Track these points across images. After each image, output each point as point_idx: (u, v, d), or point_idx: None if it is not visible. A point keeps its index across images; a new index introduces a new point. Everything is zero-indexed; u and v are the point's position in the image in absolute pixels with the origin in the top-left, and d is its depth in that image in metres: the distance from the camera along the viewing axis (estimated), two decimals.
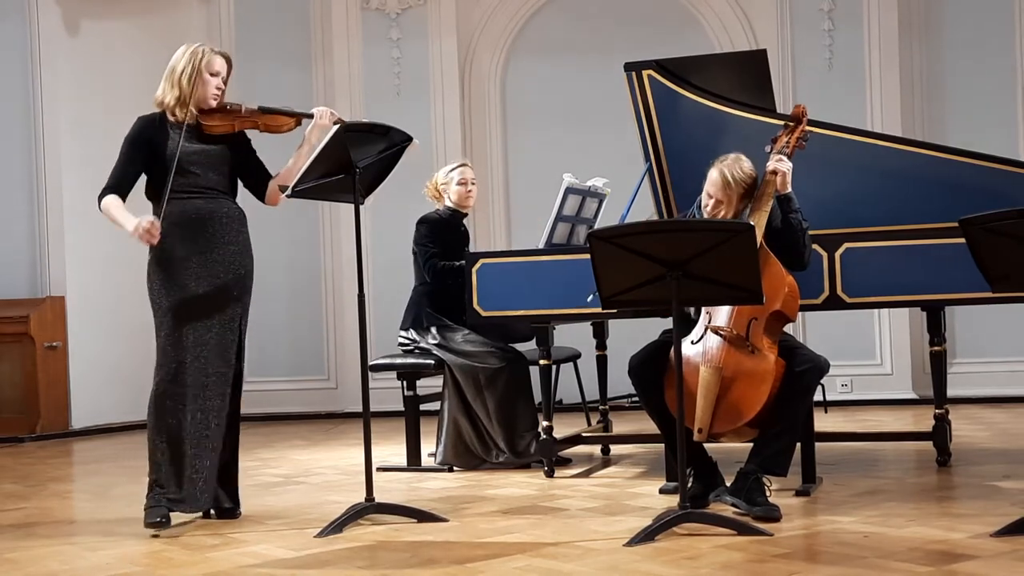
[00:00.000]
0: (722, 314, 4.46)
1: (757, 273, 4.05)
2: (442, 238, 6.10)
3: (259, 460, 6.77)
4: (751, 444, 4.51)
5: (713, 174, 4.66)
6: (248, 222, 4.81)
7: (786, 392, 4.38)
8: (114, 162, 4.69)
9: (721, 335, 4.41)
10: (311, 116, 4.75)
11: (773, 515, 4.21)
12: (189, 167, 4.62)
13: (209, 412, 4.61)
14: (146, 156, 4.64)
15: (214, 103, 4.67)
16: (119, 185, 4.66)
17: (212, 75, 4.65)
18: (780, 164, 4.61)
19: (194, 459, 4.58)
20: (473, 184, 6.27)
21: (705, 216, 4.70)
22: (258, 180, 4.85)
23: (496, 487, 5.33)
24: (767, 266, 4.43)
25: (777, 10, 8.76)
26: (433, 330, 6.04)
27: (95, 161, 8.99)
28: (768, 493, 4.33)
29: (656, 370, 4.48)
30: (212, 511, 4.72)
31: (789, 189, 4.60)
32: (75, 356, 8.75)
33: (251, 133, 4.84)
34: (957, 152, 5.43)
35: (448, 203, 6.22)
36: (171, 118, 4.66)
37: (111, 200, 4.62)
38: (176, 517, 4.57)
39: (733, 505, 4.33)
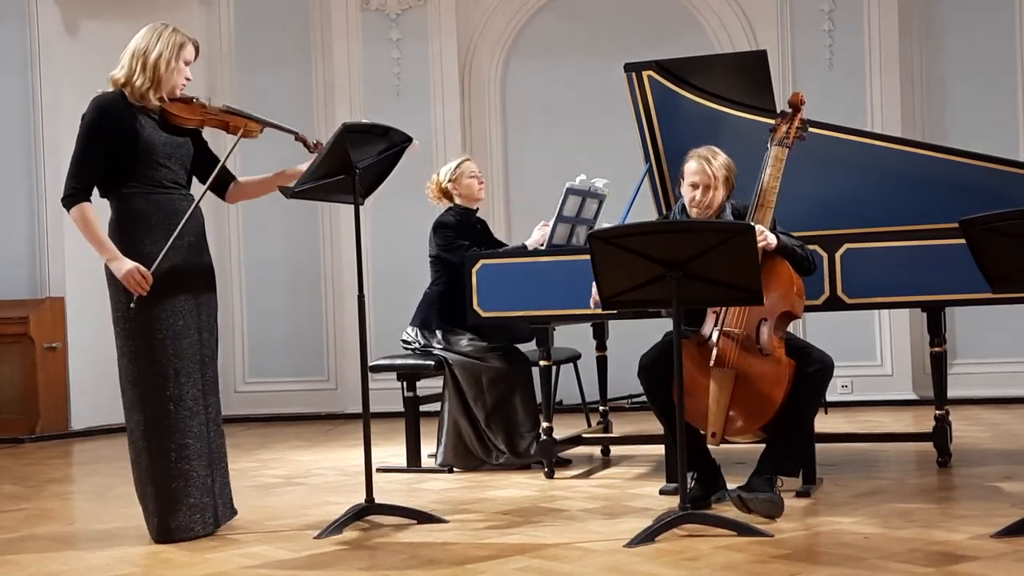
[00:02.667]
0: (732, 315, 4.44)
1: (757, 273, 4.04)
2: (465, 235, 6.07)
3: (259, 461, 6.76)
4: (753, 444, 4.51)
5: (690, 164, 4.64)
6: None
7: (798, 393, 4.37)
8: (78, 150, 4.34)
9: (731, 337, 4.40)
10: (279, 128, 4.53)
11: (775, 504, 4.20)
12: (161, 159, 4.35)
13: (198, 434, 4.35)
14: (113, 143, 4.30)
15: (179, 93, 4.42)
16: (88, 188, 4.32)
17: (185, 63, 4.43)
18: (764, 237, 4.43)
19: (203, 488, 4.34)
20: (482, 175, 6.27)
21: (693, 210, 4.65)
22: (219, 178, 4.53)
23: (496, 488, 5.33)
24: (775, 267, 4.43)
25: (777, 10, 8.76)
26: (439, 333, 6.03)
27: None
28: (777, 492, 4.32)
29: (665, 371, 4.42)
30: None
31: (774, 244, 4.46)
32: (74, 357, 8.75)
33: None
34: (957, 152, 5.43)
35: (457, 201, 6.18)
36: (136, 102, 4.35)
37: (85, 212, 4.28)
38: None
39: (738, 496, 4.28)
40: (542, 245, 5.91)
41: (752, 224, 4.23)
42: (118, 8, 9.15)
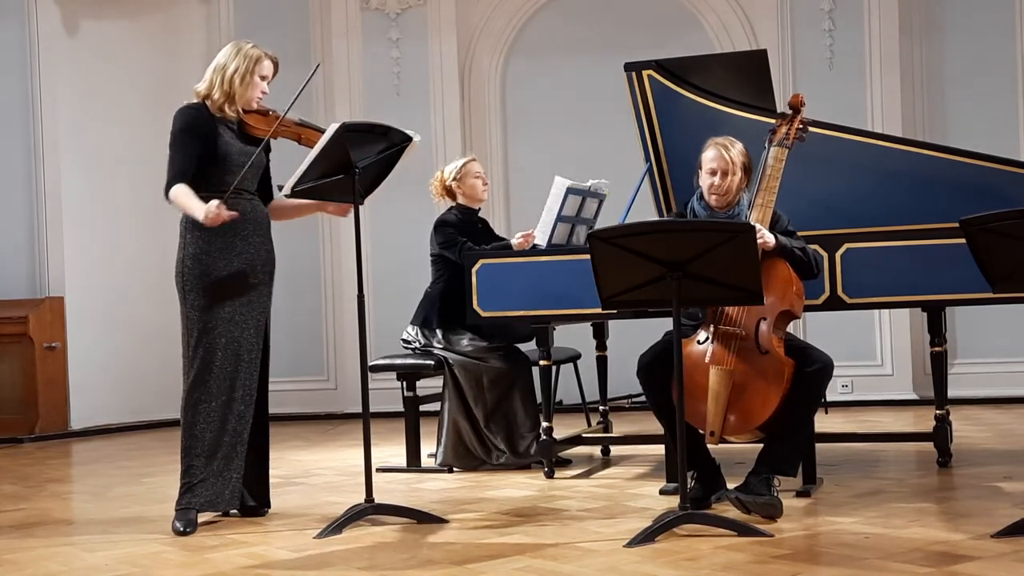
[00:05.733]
0: (730, 314, 4.44)
1: (757, 273, 4.04)
2: (467, 234, 6.06)
3: None
4: (755, 444, 4.50)
5: (708, 152, 4.65)
6: None
7: (796, 393, 4.37)
8: (171, 154, 4.61)
9: (730, 336, 4.40)
10: None
11: (775, 506, 4.20)
12: (235, 167, 4.64)
13: (240, 415, 4.65)
14: (200, 147, 4.60)
15: (256, 105, 4.71)
16: (183, 172, 4.58)
17: (261, 78, 4.72)
18: (762, 236, 4.43)
19: (226, 461, 4.62)
20: (486, 176, 6.28)
21: (711, 196, 4.64)
22: (265, 192, 4.88)
23: (496, 488, 5.33)
24: (774, 267, 4.42)
25: (777, 10, 8.76)
26: (439, 333, 6.03)
27: (95, 161, 9.05)
28: (774, 492, 4.32)
29: (664, 370, 4.44)
30: (235, 510, 4.77)
31: (772, 244, 4.46)
32: (74, 357, 8.75)
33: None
34: (957, 152, 5.43)
35: (459, 200, 6.17)
36: (216, 113, 4.67)
37: (180, 189, 4.54)
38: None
39: (736, 498, 4.28)
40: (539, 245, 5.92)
41: (753, 224, 4.23)
42: (118, 7, 9.15)
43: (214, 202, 4.49)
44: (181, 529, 4.45)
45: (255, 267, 4.73)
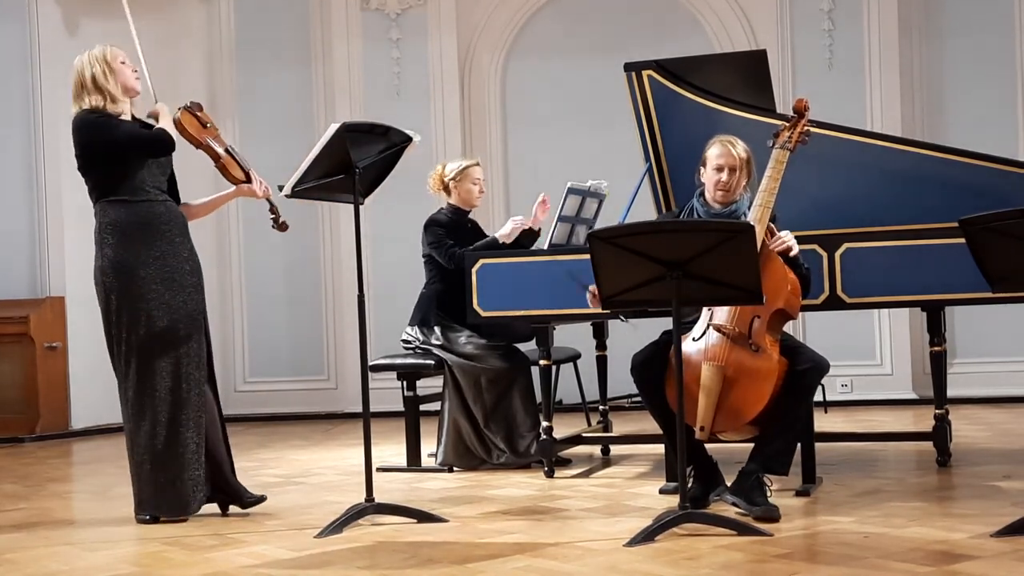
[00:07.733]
0: (724, 312, 4.45)
1: (757, 273, 4.04)
2: (455, 235, 6.08)
3: (258, 460, 6.76)
4: (751, 443, 4.51)
5: (714, 149, 4.66)
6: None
7: (787, 391, 4.38)
8: (118, 136, 4.67)
9: (723, 333, 4.41)
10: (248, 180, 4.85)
11: (773, 515, 4.21)
12: (151, 162, 4.68)
13: (189, 426, 4.68)
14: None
15: (139, 85, 4.74)
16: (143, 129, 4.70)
17: (122, 63, 4.76)
18: (787, 239, 4.52)
19: (179, 472, 4.68)
20: (484, 184, 6.28)
21: (718, 193, 4.64)
22: (173, 194, 4.86)
23: (496, 487, 5.33)
24: (769, 264, 4.42)
25: (777, 10, 8.77)
26: (437, 331, 6.04)
27: None
28: (768, 493, 4.33)
29: (658, 369, 4.47)
30: (234, 506, 4.84)
31: (796, 251, 4.50)
32: (75, 356, 8.75)
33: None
34: (957, 152, 5.43)
35: (453, 200, 6.18)
36: (112, 110, 4.70)
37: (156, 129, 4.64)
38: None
39: (734, 504, 4.33)
40: (509, 237, 5.92)
41: (752, 223, 4.24)
42: (118, 7, 9.13)
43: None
44: (146, 518, 4.67)
45: (183, 269, 4.72)
